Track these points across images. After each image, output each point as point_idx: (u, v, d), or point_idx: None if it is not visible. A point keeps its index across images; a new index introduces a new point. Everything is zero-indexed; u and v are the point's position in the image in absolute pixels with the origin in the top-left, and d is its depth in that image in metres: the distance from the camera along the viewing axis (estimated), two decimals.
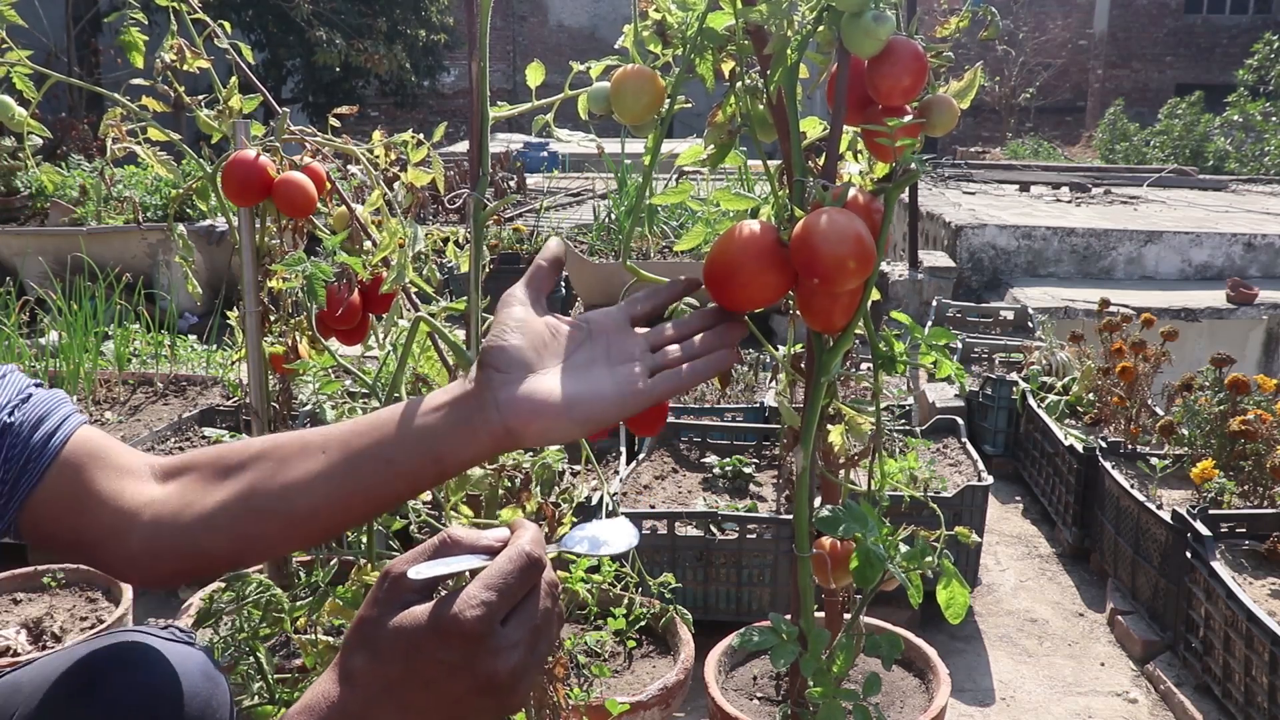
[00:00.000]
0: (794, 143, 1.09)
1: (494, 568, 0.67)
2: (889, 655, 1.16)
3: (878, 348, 1.12)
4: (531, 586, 0.68)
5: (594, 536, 0.76)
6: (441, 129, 1.61)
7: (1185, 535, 2.20)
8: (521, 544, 0.69)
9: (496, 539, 0.71)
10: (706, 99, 1.21)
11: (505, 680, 0.65)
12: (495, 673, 0.65)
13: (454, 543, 0.70)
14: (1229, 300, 5.20)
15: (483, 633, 0.65)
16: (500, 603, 0.66)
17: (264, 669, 1.52)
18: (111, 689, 0.95)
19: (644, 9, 1.11)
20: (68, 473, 0.87)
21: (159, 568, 0.88)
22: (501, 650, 0.65)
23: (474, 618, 0.64)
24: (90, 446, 0.90)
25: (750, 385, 3.55)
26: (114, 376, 3.53)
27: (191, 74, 1.68)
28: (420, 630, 0.65)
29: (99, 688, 0.95)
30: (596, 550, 0.75)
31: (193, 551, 0.86)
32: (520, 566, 0.67)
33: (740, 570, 2.31)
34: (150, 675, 0.97)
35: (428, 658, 0.65)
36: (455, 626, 0.64)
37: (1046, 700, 2.25)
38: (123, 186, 5.75)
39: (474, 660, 0.65)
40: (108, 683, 0.95)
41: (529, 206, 7.30)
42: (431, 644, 0.65)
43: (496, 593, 0.66)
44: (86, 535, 0.88)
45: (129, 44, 1.66)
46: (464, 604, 0.65)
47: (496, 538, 0.71)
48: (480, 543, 0.71)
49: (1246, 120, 12.85)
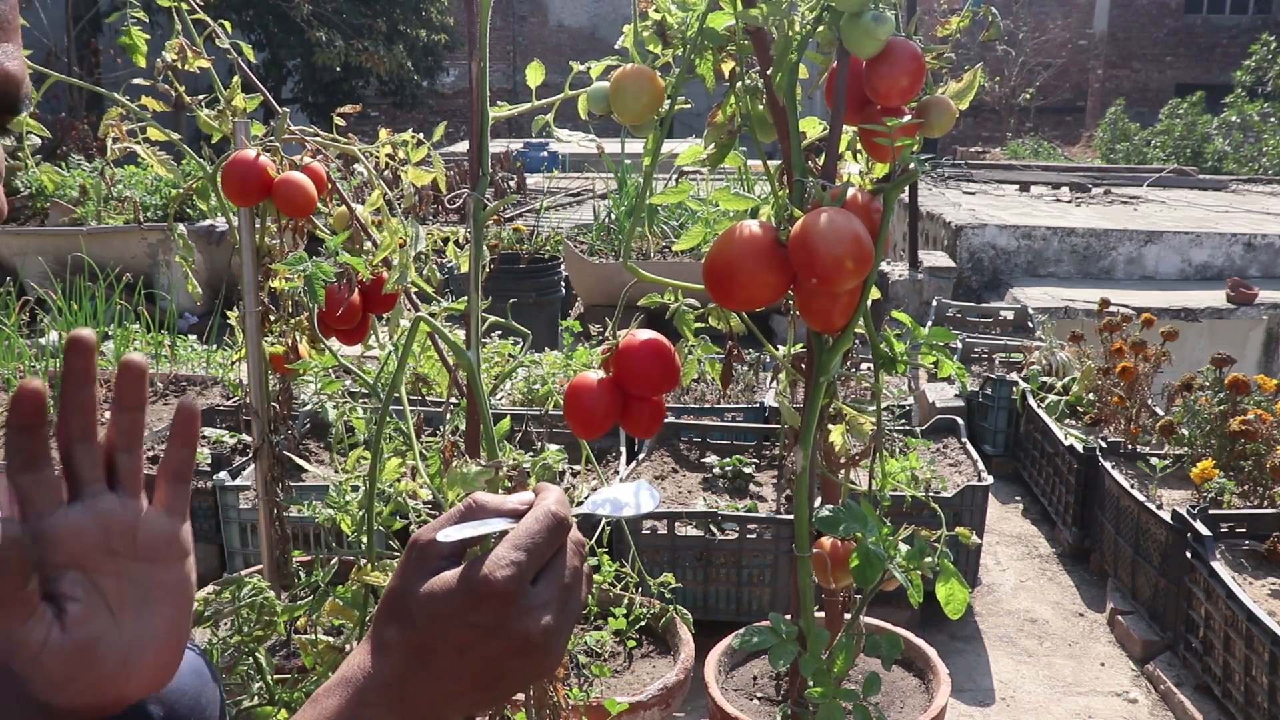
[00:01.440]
0: (794, 143, 1.09)
1: (521, 528, 0.67)
2: (889, 655, 1.16)
3: (878, 347, 1.12)
4: (559, 546, 0.68)
5: (615, 499, 0.76)
6: (441, 129, 1.61)
7: (1185, 535, 2.20)
8: (547, 504, 0.69)
9: (521, 502, 0.71)
10: (706, 99, 1.21)
11: (539, 639, 0.65)
12: (528, 632, 0.65)
13: (479, 507, 0.71)
14: (1229, 300, 5.20)
15: (514, 592, 0.65)
16: (530, 562, 0.66)
17: (263, 669, 1.53)
18: None
19: (644, 9, 1.11)
20: None
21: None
22: (533, 609, 0.65)
23: (505, 577, 0.64)
24: None
25: (750, 385, 3.55)
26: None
27: (191, 74, 1.68)
28: (451, 594, 0.65)
29: None
30: (619, 512, 0.76)
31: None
32: (547, 526, 0.68)
33: (740, 570, 2.31)
34: None
35: (460, 621, 0.65)
36: (486, 587, 0.64)
37: (1046, 700, 2.25)
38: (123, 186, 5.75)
39: (506, 621, 0.65)
40: None
41: (529, 206, 7.30)
42: (463, 607, 0.65)
43: (525, 552, 0.66)
44: None
45: (130, 44, 1.66)
46: (494, 564, 0.65)
47: (521, 500, 0.71)
48: (505, 506, 0.71)
49: (1244, 121, 12.85)
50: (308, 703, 0.67)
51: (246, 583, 1.51)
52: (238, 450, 2.89)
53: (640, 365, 1.12)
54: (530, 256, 5.16)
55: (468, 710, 0.68)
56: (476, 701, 0.67)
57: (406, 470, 1.47)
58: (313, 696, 0.67)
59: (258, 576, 1.57)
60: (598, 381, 1.05)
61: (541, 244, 5.26)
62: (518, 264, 5.08)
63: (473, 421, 1.20)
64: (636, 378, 1.12)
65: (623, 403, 1.06)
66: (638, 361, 1.12)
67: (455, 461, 1.18)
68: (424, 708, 0.66)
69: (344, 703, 0.65)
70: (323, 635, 1.69)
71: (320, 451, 2.95)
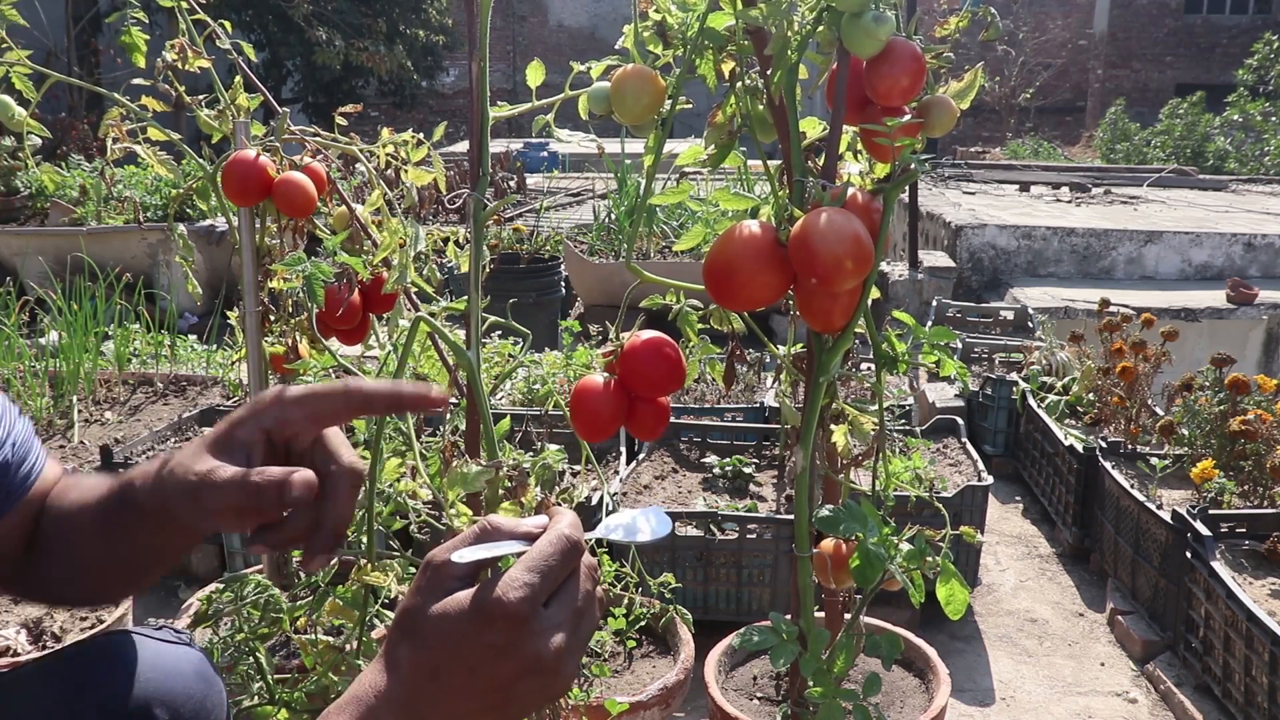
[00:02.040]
0: (794, 143, 1.09)
1: (535, 551, 0.68)
2: (889, 655, 1.16)
3: (879, 347, 1.12)
4: (572, 569, 0.69)
5: (629, 524, 0.77)
6: (441, 129, 1.61)
7: (1185, 535, 2.20)
8: (561, 528, 0.70)
9: (536, 525, 0.72)
10: (706, 99, 1.21)
11: (551, 661, 0.66)
12: (540, 654, 0.66)
13: (494, 529, 0.71)
14: (1229, 300, 5.20)
15: (527, 614, 0.65)
16: (543, 584, 0.67)
17: (264, 669, 1.52)
18: (106, 690, 0.95)
19: (644, 9, 1.11)
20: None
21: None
22: (545, 631, 0.66)
23: (518, 599, 0.65)
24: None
25: (750, 385, 3.55)
26: (114, 376, 3.53)
27: (191, 74, 1.68)
28: (464, 614, 0.66)
29: (93, 688, 0.95)
30: (632, 538, 0.76)
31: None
32: (561, 549, 0.68)
33: (740, 570, 2.31)
34: (145, 676, 0.97)
35: (473, 642, 0.65)
36: (499, 608, 0.65)
37: (1046, 700, 2.25)
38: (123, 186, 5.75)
39: (519, 642, 0.65)
40: (102, 683, 0.95)
41: (529, 206, 7.30)
42: (476, 627, 0.65)
43: (539, 574, 0.66)
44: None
45: (130, 44, 1.66)
46: (507, 586, 0.65)
47: (536, 524, 0.72)
48: (520, 529, 0.71)
49: (1246, 120, 12.85)
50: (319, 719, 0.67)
51: (251, 580, 1.51)
52: None
53: (646, 366, 1.12)
54: (530, 256, 5.15)
55: None
56: None
57: (406, 470, 1.47)
58: (323, 715, 0.68)
59: (258, 576, 1.57)
60: (603, 384, 1.05)
61: (541, 244, 5.26)
62: (518, 264, 5.08)
63: (473, 421, 1.20)
64: (643, 379, 1.12)
65: (628, 405, 1.07)
66: (644, 362, 1.12)
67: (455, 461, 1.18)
68: None
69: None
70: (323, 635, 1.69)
71: None
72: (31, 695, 0.95)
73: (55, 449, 2.95)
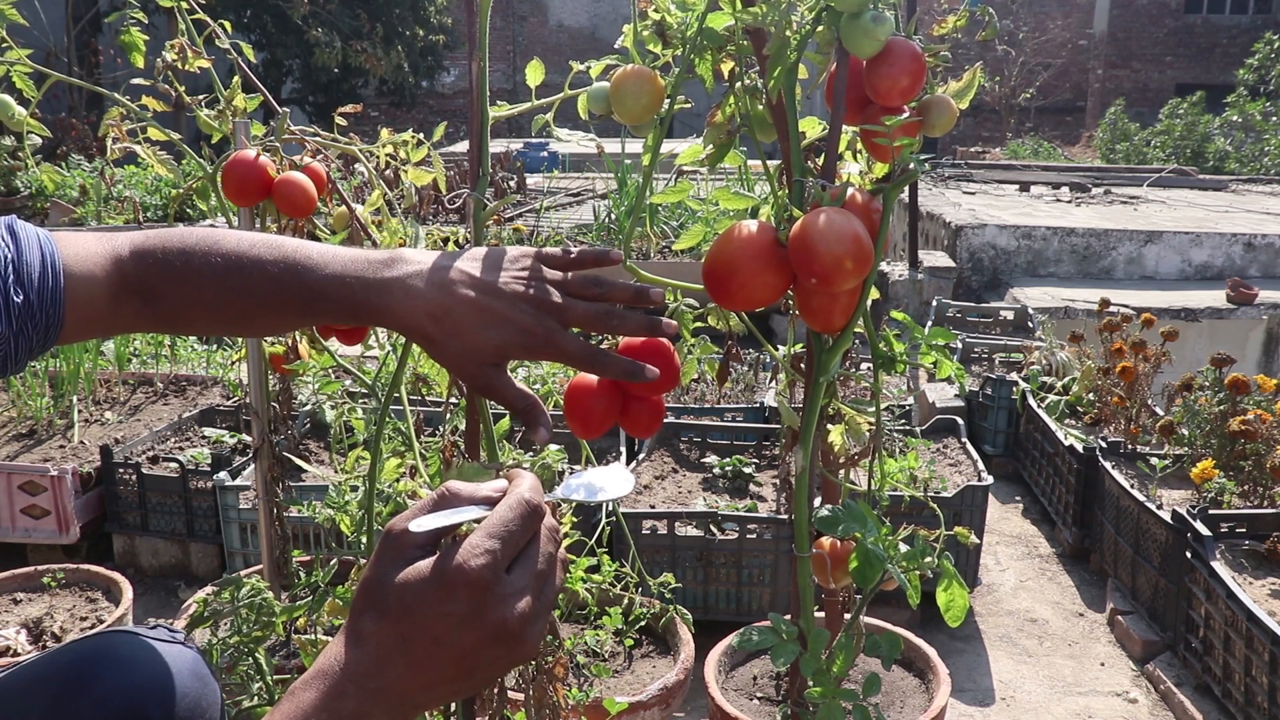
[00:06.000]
0: (793, 143, 1.09)
1: (495, 516, 0.67)
2: (889, 655, 1.16)
3: (878, 347, 1.12)
4: (533, 533, 0.68)
5: (590, 483, 0.76)
6: (441, 129, 1.61)
7: (1185, 535, 2.20)
8: (521, 491, 0.69)
9: (495, 489, 0.71)
10: (706, 99, 1.21)
11: (515, 628, 0.65)
12: (504, 620, 0.65)
13: (453, 495, 0.70)
14: (1229, 300, 5.20)
15: (489, 580, 0.65)
16: (504, 550, 0.66)
17: (263, 670, 1.53)
18: (100, 688, 0.95)
19: (644, 9, 1.11)
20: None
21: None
22: (508, 597, 0.65)
23: (479, 565, 0.64)
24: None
25: (750, 385, 3.55)
26: (114, 376, 3.53)
27: (191, 74, 1.68)
28: (425, 583, 0.65)
29: (88, 686, 0.95)
30: (594, 497, 0.75)
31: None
32: (521, 514, 0.68)
33: (740, 570, 2.31)
34: (140, 674, 0.97)
35: (435, 611, 0.65)
36: (460, 576, 0.64)
37: (1046, 700, 2.25)
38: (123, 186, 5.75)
39: (482, 610, 0.65)
40: (97, 681, 0.95)
41: (529, 206, 7.30)
42: (438, 596, 0.65)
43: (500, 540, 0.66)
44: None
45: (129, 44, 1.66)
46: (468, 553, 0.65)
47: (495, 488, 0.71)
48: (479, 494, 0.71)
49: (1246, 120, 12.85)
50: (285, 696, 0.66)
51: (245, 583, 1.51)
52: (238, 450, 2.89)
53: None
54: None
55: (445, 699, 0.68)
56: (454, 690, 0.67)
57: (406, 470, 1.47)
58: (289, 690, 0.67)
59: (257, 577, 1.57)
60: (597, 381, 1.05)
61: (541, 244, 5.26)
62: None
63: (472, 421, 1.20)
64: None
65: (622, 402, 1.06)
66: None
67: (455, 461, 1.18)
68: (401, 698, 0.66)
69: (321, 695, 0.65)
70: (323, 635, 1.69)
71: (320, 451, 2.95)
72: (30, 695, 0.95)
73: (55, 449, 2.95)
